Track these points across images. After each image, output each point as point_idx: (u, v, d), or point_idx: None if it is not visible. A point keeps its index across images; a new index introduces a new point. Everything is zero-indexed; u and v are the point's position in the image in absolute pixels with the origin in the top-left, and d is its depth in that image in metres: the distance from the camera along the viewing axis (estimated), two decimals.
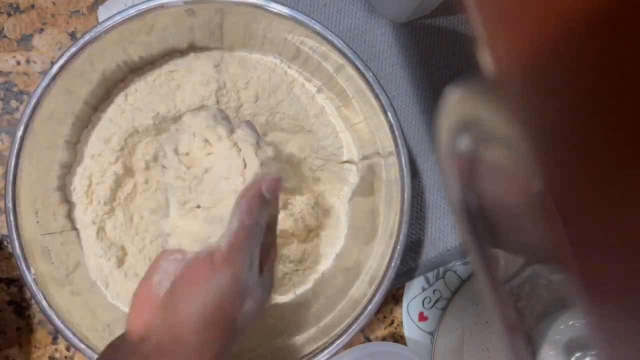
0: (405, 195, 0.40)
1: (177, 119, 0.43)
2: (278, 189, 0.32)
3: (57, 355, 0.47)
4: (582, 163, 0.13)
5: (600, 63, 0.12)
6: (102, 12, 0.46)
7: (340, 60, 0.40)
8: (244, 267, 0.29)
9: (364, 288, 0.42)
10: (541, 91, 0.14)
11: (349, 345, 0.40)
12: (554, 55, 0.13)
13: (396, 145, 0.40)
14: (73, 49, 0.38)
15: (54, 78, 0.38)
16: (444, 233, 0.50)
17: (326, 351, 0.40)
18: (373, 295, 0.40)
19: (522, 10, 0.14)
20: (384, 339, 0.51)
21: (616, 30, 0.12)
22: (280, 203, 0.48)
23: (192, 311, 0.28)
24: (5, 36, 0.46)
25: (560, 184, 0.14)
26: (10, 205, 0.38)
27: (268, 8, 0.38)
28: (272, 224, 0.33)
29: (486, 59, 0.16)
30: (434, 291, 0.51)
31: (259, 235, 0.30)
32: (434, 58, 0.50)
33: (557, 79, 0.14)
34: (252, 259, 0.30)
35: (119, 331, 0.41)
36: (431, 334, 0.51)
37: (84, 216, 0.43)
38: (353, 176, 0.47)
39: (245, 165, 0.32)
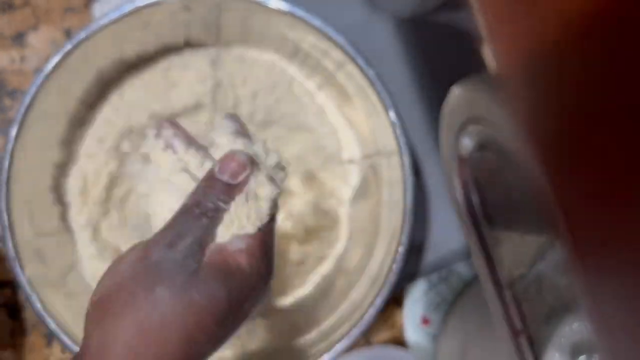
0: (408, 195, 0.40)
1: (172, 116, 0.43)
2: (241, 173, 0.27)
3: (52, 358, 0.46)
4: (585, 160, 0.13)
5: (604, 57, 0.12)
6: (97, 9, 0.46)
7: (341, 57, 0.40)
8: (161, 245, 0.25)
9: (365, 290, 0.42)
10: (544, 86, 0.14)
11: (350, 348, 0.40)
12: (558, 50, 0.13)
13: (398, 145, 0.40)
14: (68, 47, 0.37)
15: (48, 76, 0.38)
16: (447, 234, 0.50)
17: (327, 355, 0.40)
18: (374, 298, 0.40)
19: (525, 6, 0.14)
20: (385, 342, 0.51)
21: (618, 25, 0.12)
22: (280, 203, 0.48)
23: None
24: None
25: (562, 182, 0.14)
26: (3, 205, 0.38)
27: (266, 4, 0.38)
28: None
29: (490, 56, 0.16)
30: (436, 294, 0.50)
31: (201, 221, 0.26)
32: (437, 55, 0.49)
33: (560, 74, 0.14)
34: (177, 239, 0.25)
35: None
36: (434, 337, 0.50)
37: (78, 217, 0.42)
38: (354, 176, 0.47)
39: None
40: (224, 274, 0.25)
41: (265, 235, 0.28)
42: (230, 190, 0.27)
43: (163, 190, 0.28)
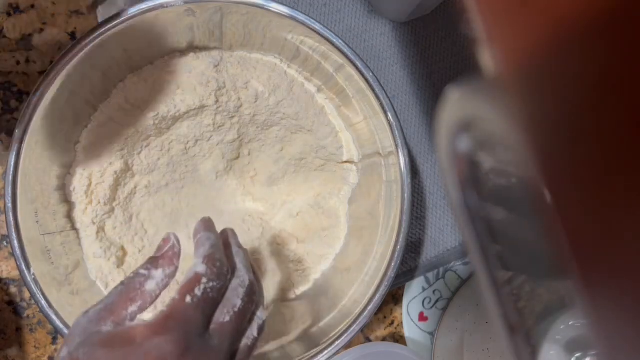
0: (405, 195, 0.40)
1: (177, 118, 0.43)
2: (164, 247, 0.30)
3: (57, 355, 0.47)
4: (583, 162, 0.13)
5: (603, 60, 0.12)
6: (102, 12, 0.46)
7: (340, 60, 0.40)
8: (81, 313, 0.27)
9: (364, 288, 0.42)
10: (542, 89, 0.14)
11: (349, 345, 0.40)
12: (555, 53, 0.13)
13: (396, 145, 0.40)
14: (73, 49, 0.37)
15: (53, 78, 0.37)
16: (444, 233, 0.50)
17: (326, 351, 0.40)
18: (373, 295, 0.40)
19: (523, 8, 0.14)
20: (384, 339, 0.51)
21: (619, 28, 0.12)
22: (280, 202, 0.48)
23: None
24: (5, 36, 0.46)
25: (560, 184, 0.14)
26: (9, 205, 0.38)
27: (268, 8, 0.38)
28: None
29: (486, 58, 0.16)
30: (434, 291, 0.51)
31: (116, 289, 0.29)
32: (434, 58, 0.50)
33: (558, 76, 0.13)
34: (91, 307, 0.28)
35: None
36: (431, 334, 0.51)
37: (83, 216, 0.43)
38: (353, 176, 0.47)
39: None
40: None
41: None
42: (154, 261, 0.29)
43: None
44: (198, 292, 0.27)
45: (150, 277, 0.28)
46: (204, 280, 0.27)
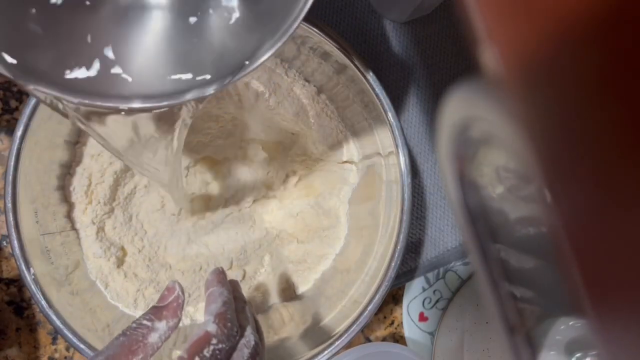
0: (406, 195, 0.40)
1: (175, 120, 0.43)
2: (168, 297, 0.29)
3: (57, 355, 0.47)
4: (585, 163, 0.13)
5: (604, 60, 0.12)
6: None
7: (341, 60, 0.40)
8: None
9: (364, 288, 0.42)
10: (542, 89, 0.14)
11: (349, 345, 0.40)
12: (556, 53, 0.13)
13: (396, 146, 0.40)
14: None
15: None
16: (444, 233, 0.50)
17: (326, 351, 0.40)
18: (373, 296, 0.40)
19: (523, 8, 0.14)
20: (384, 339, 0.51)
21: (620, 28, 0.11)
22: (280, 202, 0.48)
23: None
24: None
25: (561, 184, 0.14)
26: (9, 205, 0.38)
27: None
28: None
29: (487, 58, 0.16)
30: (434, 291, 0.51)
31: (118, 340, 0.28)
32: (434, 58, 0.50)
33: (560, 75, 0.13)
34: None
35: (118, 331, 0.41)
36: (431, 334, 0.51)
37: (83, 216, 0.43)
38: (353, 176, 0.47)
39: None
40: None
41: None
42: (157, 311, 0.28)
43: None
44: (207, 353, 0.26)
45: (154, 329, 0.28)
46: (214, 341, 0.27)
